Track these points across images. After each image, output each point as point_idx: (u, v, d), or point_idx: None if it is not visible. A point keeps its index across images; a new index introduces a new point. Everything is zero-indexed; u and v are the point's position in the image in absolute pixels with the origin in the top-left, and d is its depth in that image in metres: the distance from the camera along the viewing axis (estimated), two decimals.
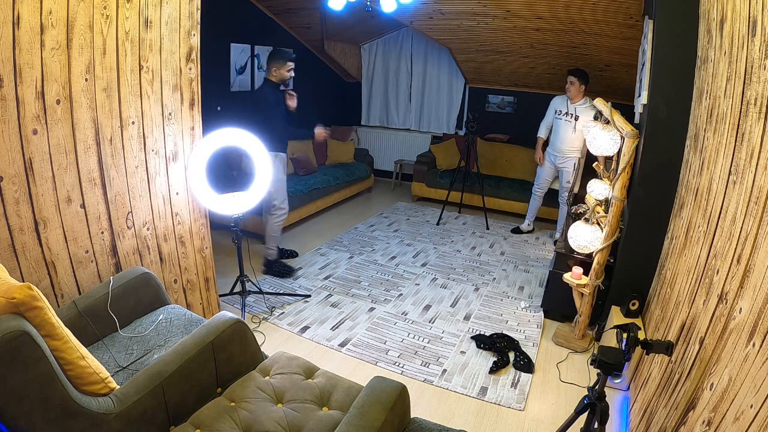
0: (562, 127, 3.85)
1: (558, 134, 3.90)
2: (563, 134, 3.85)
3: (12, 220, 1.54)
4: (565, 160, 3.92)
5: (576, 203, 3.73)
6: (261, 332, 2.60)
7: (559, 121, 3.88)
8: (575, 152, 3.85)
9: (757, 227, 1.12)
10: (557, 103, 3.91)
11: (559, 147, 3.92)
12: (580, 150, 3.81)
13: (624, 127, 2.18)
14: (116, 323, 1.74)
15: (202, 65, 2.19)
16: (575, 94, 3.69)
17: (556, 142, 3.94)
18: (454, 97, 5.62)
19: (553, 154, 4.00)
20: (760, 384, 0.96)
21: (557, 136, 3.91)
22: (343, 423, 1.24)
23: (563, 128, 3.84)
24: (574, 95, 3.70)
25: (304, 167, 4.64)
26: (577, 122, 3.73)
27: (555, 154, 3.98)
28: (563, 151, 3.90)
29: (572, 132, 3.78)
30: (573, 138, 3.79)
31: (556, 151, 3.96)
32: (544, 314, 2.93)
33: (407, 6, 3.63)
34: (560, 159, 3.95)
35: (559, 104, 3.88)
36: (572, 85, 3.65)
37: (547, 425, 2.02)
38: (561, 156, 3.93)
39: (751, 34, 1.28)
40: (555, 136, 3.94)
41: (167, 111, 2.07)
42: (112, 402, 1.25)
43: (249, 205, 2.58)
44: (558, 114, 3.88)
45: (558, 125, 3.90)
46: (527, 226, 4.48)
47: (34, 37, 1.49)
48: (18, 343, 1.04)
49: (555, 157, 4.00)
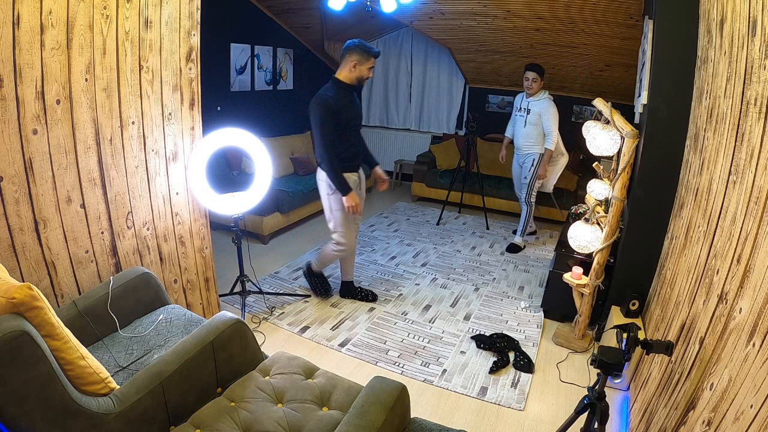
0: (517, 123, 3.81)
1: (515, 131, 3.86)
2: (517, 130, 3.81)
3: (12, 220, 1.54)
4: (524, 157, 3.85)
5: (544, 199, 3.77)
6: (261, 332, 2.60)
7: (515, 117, 3.86)
8: (532, 147, 3.75)
9: (757, 227, 1.12)
10: (516, 100, 3.86)
11: (516, 143, 3.88)
12: (538, 145, 3.72)
13: (624, 127, 2.18)
14: (116, 323, 1.74)
15: (202, 65, 2.19)
16: (536, 90, 3.60)
17: (515, 139, 3.90)
18: (454, 97, 5.62)
19: (515, 153, 3.96)
20: (760, 384, 0.96)
21: (515, 133, 3.88)
22: (343, 423, 1.24)
23: (518, 124, 3.81)
24: (535, 90, 3.60)
25: (304, 167, 4.64)
26: (529, 116, 3.67)
27: (516, 151, 3.94)
28: (520, 147, 3.84)
29: (524, 126, 3.72)
30: (526, 132, 3.72)
31: (516, 148, 3.92)
32: (544, 314, 2.93)
33: (407, 6, 3.63)
34: (520, 156, 3.90)
35: (517, 101, 3.84)
36: (535, 82, 3.56)
37: (547, 425, 2.02)
38: (520, 153, 3.88)
39: (751, 34, 1.28)
40: (514, 134, 3.91)
41: (167, 111, 2.07)
42: (112, 402, 1.25)
43: (249, 205, 2.58)
44: (516, 111, 3.84)
45: (514, 121, 3.89)
46: (520, 240, 4.12)
47: (34, 37, 1.49)
48: (18, 343, 1.04)
49: (517, 155, 3.95)
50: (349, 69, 2.49)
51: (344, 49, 2.51)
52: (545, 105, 3.60)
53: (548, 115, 3.59)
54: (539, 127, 3.67)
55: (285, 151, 4.63)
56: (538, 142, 3.72)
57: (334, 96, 2.46)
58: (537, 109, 3.62)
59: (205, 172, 2.29)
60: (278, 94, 4.98)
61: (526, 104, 3.71)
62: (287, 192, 3.99)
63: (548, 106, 3.59)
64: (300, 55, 5.18)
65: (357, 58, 2.47)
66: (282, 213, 3.95)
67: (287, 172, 4.59)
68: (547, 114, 3.59)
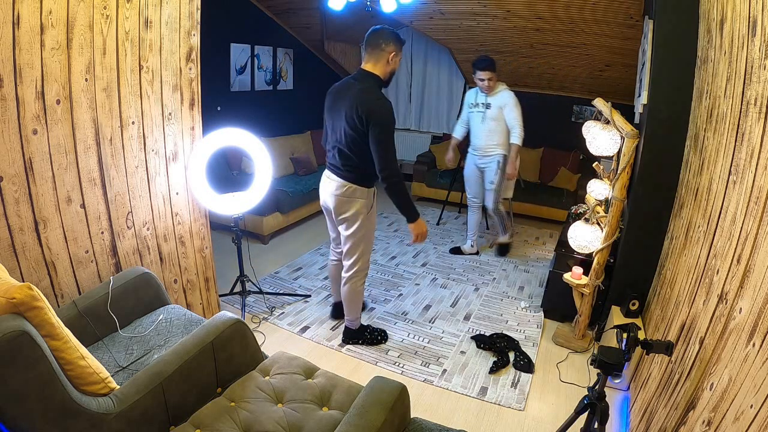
0: (473, 120, 3.45)
1: (473, 130, 3.49)
2: (475, 128, 3.45)
3: (12, 220, 1.54)
4: (486, 160, 3.45)
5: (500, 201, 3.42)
6: (261, 332, 2.60)
7: (471, 114, 3.47)
8: (496, 148, 3.38)
9: (757, 227, 1.12)
10: (469, 96, 3.47)
11: (475, 144, 3.49)
12: (502, 145, 3.37)
13: (624, 127, 2.18)
14: (116, 323, 1.74)
15: (202, 65, 2.19)
16: (493, 86, 3.29)
17: (473, 140, 3.51)
18: (454, 97, 5.62)
19: (473, 154, 3.55)
20: (760, 384, 0.96)
21: (473, 133, 3.49)
22: (343, 423, 1.24)
23: (474, 121, 3.44)
24: (493, 87, 3.29)
25: (304, 167, 4.64)
26: (489, 110, 3.33)
27: (473, 153, 3.54)
28: (480, 147, 3.45)
29: (482, 122, 3.37)
30: (487, 129, 3.36)
31: (474, 149, 3.52)
32: (544, 314, 2.93)
33: (407, 6, 3.63)
34: (479, 158, 3.49)
35: (471, 97, 3.45)
36: (491, 80, 3.23)
37: (547, 425, 2.02)
38: (480, 153, 3.48)
39: (751, 34, 1.28)
40: (471, 133, 3.51)
41: (167, 111, 2.07)
42: (112, 402, 1.25)
43: (249, 205, 2.58)
44: (471, 108, 3.46)
45: (467, 120, 3.52)
46: (470, 247, 3.85)
47: (34, 37, 1.49)
48: (18, 343, 1.04)
49: (474, 157, 3.54)
50: (387, 62, 2.10)
51: (378, 36, 2.06)
52: (506, 96, 3.26)
53: (511, 107, 3.24)
54: (502, 122, 3.31)
55: (285, 151, 4.63)
56: (502, 141, 3.36)
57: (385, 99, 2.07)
58: (498, 103, 3.28)
59: (205, 172, 2.29)
60: (278, 94, 4.98)
61: (483, 99, 3.35)
62: (287, 192, 3.99)
63: (510, 97, 3.25)
64: (300, 55, 5.18)
65: (395, 48, 2.08)
66: (282, 213, 3.95)
67: (287, 172, 4.59)
68: (509, 106, 3.25)
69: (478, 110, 3.41)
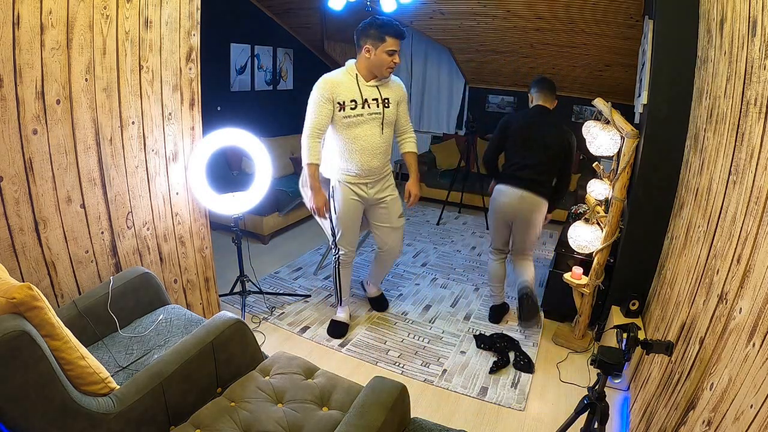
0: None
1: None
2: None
3: (12, 220, 1.54)
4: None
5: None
6: (261, 332, 2.60)
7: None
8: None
9: (757, 227, 1.12)
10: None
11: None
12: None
13: (624, 127, 2.18)
14: (116, 323, 1.74)
15: (202, 65, 2.19)
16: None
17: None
18: (454, 97, 5.62)
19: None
20: (760, 384, 0.96)
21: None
22: (343, 423, 1.24)
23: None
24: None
25: None
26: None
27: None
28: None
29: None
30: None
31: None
32: (544, 314, 2.93)
33: (407, 6, 3.63)
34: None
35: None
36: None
37: (547, 425, 2.02)
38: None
39: (751, 34, 1.28)
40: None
41: (167, 111, 2.07)
42: (112, 402, 1.25)
43: (249, 205, 2.58)
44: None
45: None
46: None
47: (34, 37, 1.49)
48: (18, 343, 1.04)
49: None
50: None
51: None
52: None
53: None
54: None
55: (285, 151, 4.63)
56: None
57: None
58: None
59: (205, 172, 2.29)
60: (278, 94, 4.98)
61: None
62: (287, 192, 3.99)
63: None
64: (300, 55, 5.18)
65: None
66: (282, 213, 3.95)
67: (287, 172, 4.59)
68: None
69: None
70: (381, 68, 2.20)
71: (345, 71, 2.28)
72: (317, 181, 2.33)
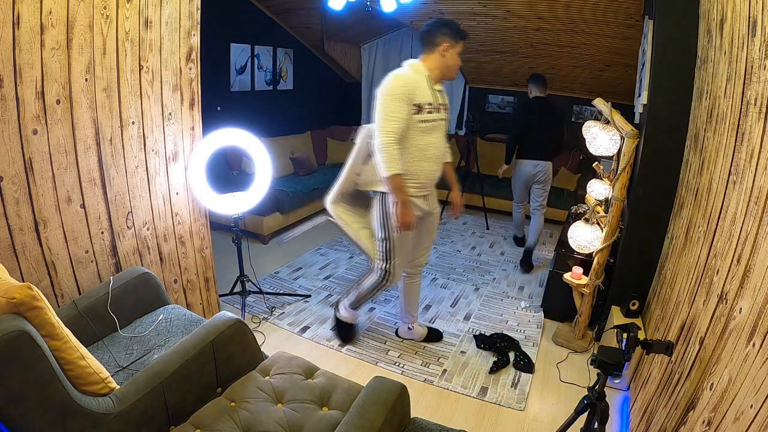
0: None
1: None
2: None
3: (12, 220, 1.54)
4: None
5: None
6: (261, 332, 2.60)
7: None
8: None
9: (757, 227, 1.12)
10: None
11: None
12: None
13: (624, 127, 2.18)
14: (116, 323, 1.74)
15: (202, 65, 2.19)
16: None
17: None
18: (454, 97, 5.61)
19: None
20: (760, 384, 0.96)
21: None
22: (343, 423, 1.24)
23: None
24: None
25: (304, 167, 4.64)
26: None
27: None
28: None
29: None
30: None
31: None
32: (544, 314, 2.93)
33: (407, 6, 3.63)
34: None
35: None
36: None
37: (547, 425, 2.02)
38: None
39: (751, 34, 1.28)
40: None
41: (167, 111, 2.07)
42: (112, 402, 1.25)
43: (249, 205, 2.58)
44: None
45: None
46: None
47: (34, 37, 1.49)
48: (18, 343, 1.04)
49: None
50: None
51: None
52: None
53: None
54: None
55: (285, 151, 4.63)
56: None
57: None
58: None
59: (205, 172, 2.29)
60: (278, 94, 4.98)
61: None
62: (287, 192, 3.99)
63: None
64: (300, 55, 5.18)
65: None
66: (282, 213, 3.95)
67: (287, 172, 4.59)
68: None
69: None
70: (453, 70, 2.07)
71: (414, 70, 2.06)
72: (406, 194, 2.02)
